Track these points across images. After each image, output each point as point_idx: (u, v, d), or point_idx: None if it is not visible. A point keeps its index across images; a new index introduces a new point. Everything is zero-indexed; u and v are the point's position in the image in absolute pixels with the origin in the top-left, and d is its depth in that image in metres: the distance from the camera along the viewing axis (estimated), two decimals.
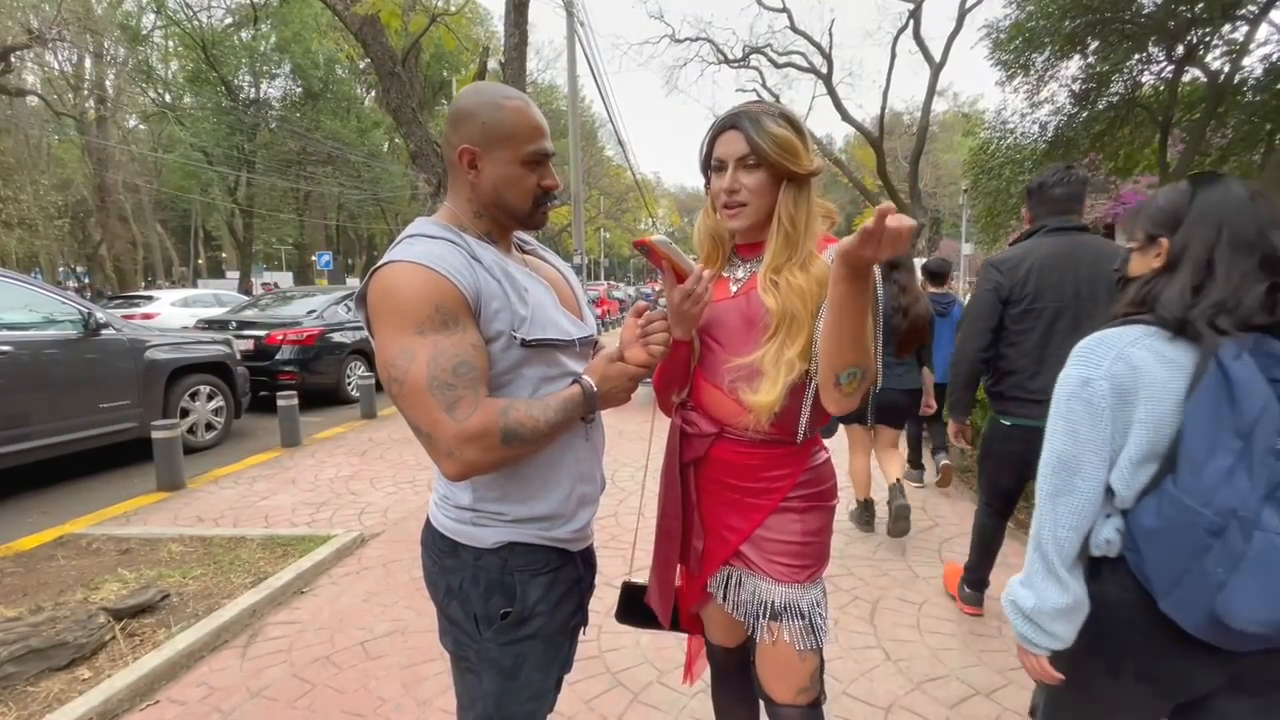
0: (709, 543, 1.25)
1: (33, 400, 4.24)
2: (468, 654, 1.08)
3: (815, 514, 1.22)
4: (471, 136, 1.01)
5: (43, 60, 19.58)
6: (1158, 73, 12.68)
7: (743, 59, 19.28)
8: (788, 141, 1.11)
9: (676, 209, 66.01)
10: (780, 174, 1.12)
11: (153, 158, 25.13)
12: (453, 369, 0.91)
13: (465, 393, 0.91)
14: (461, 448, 0.91)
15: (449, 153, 1.04)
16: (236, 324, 7.48)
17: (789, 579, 1.19)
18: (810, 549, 1.21)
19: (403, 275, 0.93)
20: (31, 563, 3.14)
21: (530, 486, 1.05)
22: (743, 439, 1.19)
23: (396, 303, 0.92)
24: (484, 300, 0.97)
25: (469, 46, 17.04)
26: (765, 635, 1.19)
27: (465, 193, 1.06)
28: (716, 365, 1.19)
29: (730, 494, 1.22)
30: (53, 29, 14.52)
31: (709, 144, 1.18)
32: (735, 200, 1.15)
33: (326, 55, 23.14)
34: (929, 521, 3.66)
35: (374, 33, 6.60)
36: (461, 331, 0.93)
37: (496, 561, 1.05)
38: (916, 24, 15.80)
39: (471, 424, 0.91)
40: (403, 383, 0.91)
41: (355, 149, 25.29)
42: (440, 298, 0.92)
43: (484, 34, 23.02)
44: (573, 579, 1.12)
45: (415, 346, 0.90)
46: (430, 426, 0.91)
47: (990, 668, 2.24)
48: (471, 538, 1.05)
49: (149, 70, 22.49)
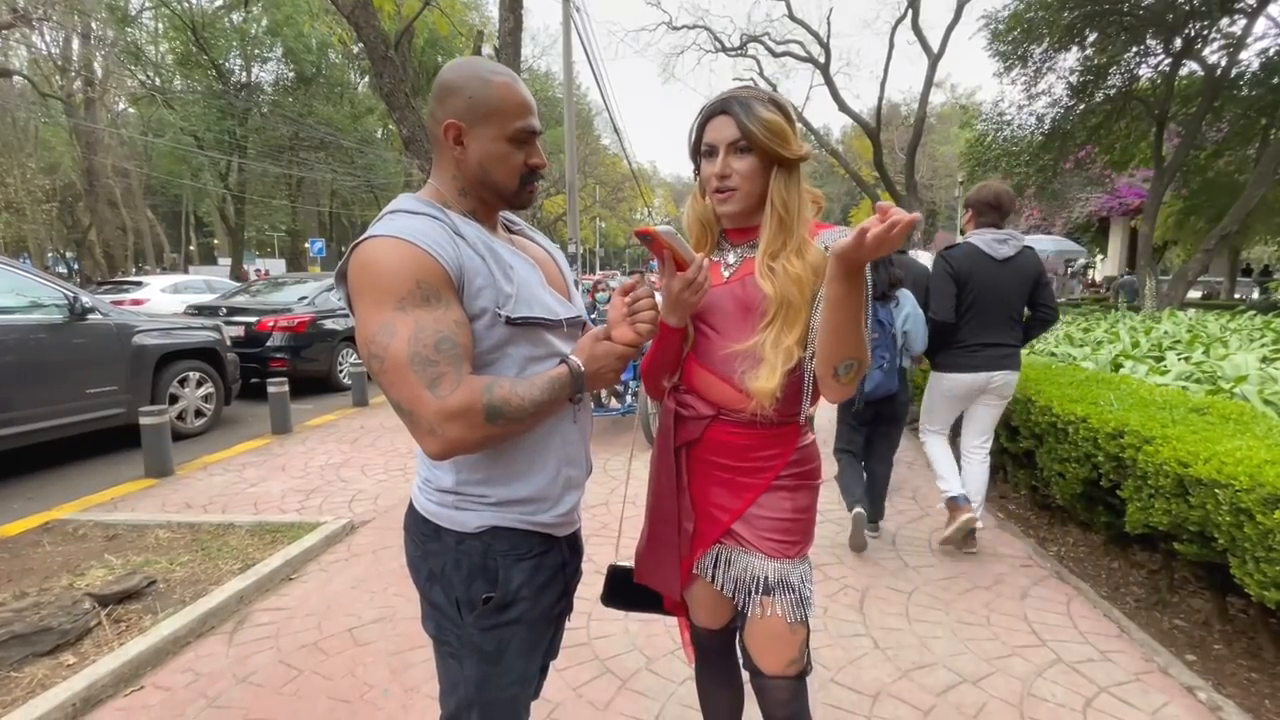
0: (700, 524, 1.26)
1: (17, 385, 4.19)
2: (449, 639, 1.07)
3: (804, 492, 1.26)
4: (457, 111, 0.99)
5: (29, 41, 19.24)
6: (1155, 66, 12.67)
7: (740, 47, 19.15)
8: (778, 126, 1.11)
9: (672, 198, 65.74)
10: (771, 159, 1.13)
11: (142, 142, 24.79)
12: (434, 344, 0.88)
13: (447, 369, 0.89)
14: (444, 425, 0.89)
15: (433, 128, 1.02)
16: (227, 310, 7.42)
17: (780, 554, 1.22)
18: (799, 525, 1.25)
19: (382, 250, 0.91)
20: (17, 548, 3.11)
21: (515, 468, 1.04)
22: (738, 421, 1.20)
23: (376, 277, 0.90)
24: (467, 276, 0.95)
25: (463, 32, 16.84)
26: (757, 610, 1.21)
27: (450, 169, 1.04)
28: (712, 351, 1.20)
29: (723, 473, 1.24)
30: (39, 9, 14.25)
31: (699, 129, 1.19)
32: (726, 185, 1.15)
33: (319, 39, 22.84)
34: (919, 512, 3.67)
35: (366, 16, 6.50)
36: (444, 307, 0.91)
37: (479, 546, 1.03)
38: (915, 14, 15.71)
39: (454, 401, 0.88)
40: (383, 359, 0.89)
41: (348, 135, 25.02)
42: (421, 272, 0.90)
43: (478, 19, 22.77)
44: (557, 564, 1.11)
45: (396, 322, 0.88)
46: (411, 404, 0.89)
47: (977, 655, 2.26)
48: (453, 521, 1.04)
49: (138, 52, 22.11)
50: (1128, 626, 2.42)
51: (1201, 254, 11.77)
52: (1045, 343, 6.06)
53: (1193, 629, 2.45)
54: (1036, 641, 2.35)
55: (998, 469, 4.10)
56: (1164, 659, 2.21)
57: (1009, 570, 2.92)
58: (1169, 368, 4.35)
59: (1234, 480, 1.92)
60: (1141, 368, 4.36)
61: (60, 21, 17.34)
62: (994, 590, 2.74)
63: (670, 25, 19.42)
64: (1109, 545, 3.04)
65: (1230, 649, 2.30)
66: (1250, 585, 1.93)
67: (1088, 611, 2.55)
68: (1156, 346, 5.39)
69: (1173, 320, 7.44)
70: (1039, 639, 2.36)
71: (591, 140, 36.55)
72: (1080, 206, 20.30)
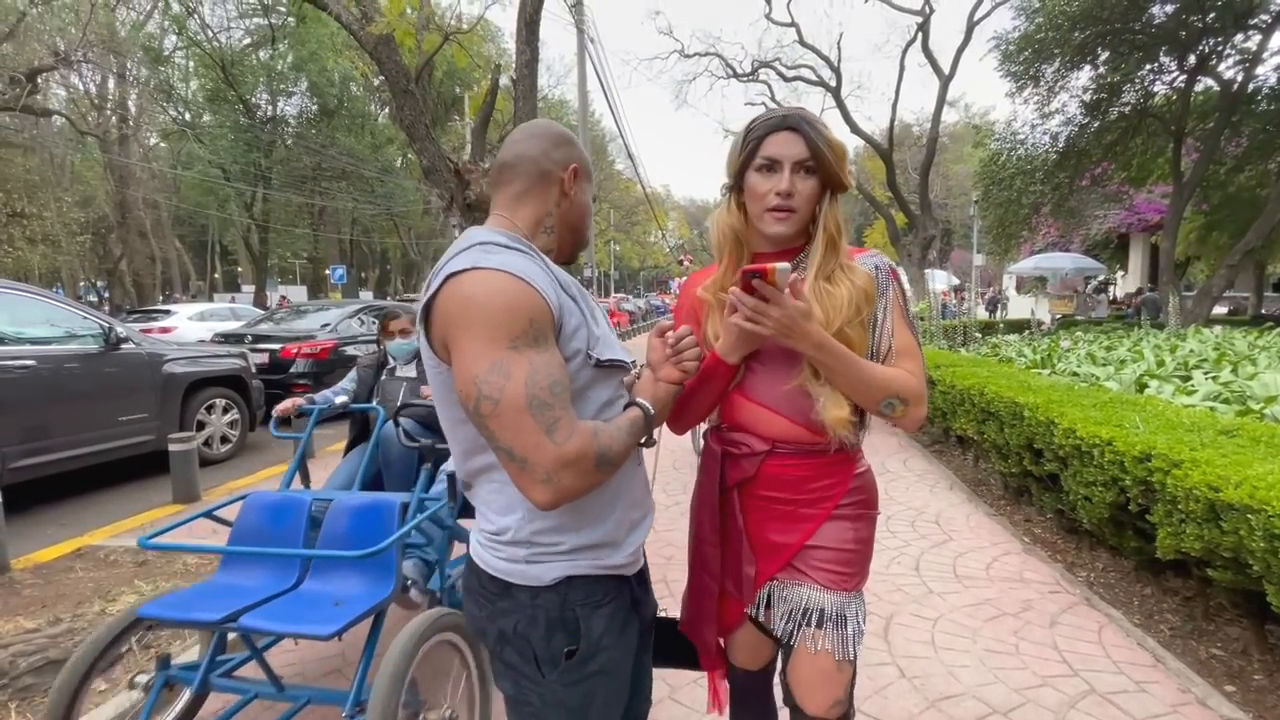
0: (759, 563, 1.22)
1: (55, 413, 4.32)
2: (530, 698, 1.00)
3: (865, 522, 1.22)
4: (578, 160, 1.05)
5: (67, 81, 20.09)
6: (1170, 82, 12.62)
7: (752, 73, 19.41)
8: (841, 150, 1.12)
9: (686, 221, 66.25)
10: (829, 183, 1.13)
11: (172, 174, 25.64)
12: (549, 388, 0.85)
13: (562, 414, 0.86)
14: (560, 473, 0.85)
15: (548, 166, 1.03)
16: (252, 338, 7.59)
17: (839, 586, 1.18)
18: (859, 556, 1.21)
19: (494, 284, 0.86)
20: (50, 574, 3.18)
21: (586, 513, 0.99)
22: (795, 453, 1.18)
23: (488, 313, 0.85)
24: (565, 318, 0.93)
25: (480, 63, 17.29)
26: (808, 644, 1.17)
27: (544, 208, 1.04)
28: (757, 384, 1.19)
29: (781, 507, 1.21)
30: (78, 51, 14.90)
31: (757, 141, 1.12)
32: (788, 205, 1.11)
33: (342, 73, 23.56)
34: (943, 536, 3.62)
35: (388, 51, 6.72)
36: (550, 349, 0.89)
37: (555, 598, 0.98)
38: (925, 36, 15.86)
39: (570, 447, 0.85)
40: (498, 401, 0.84)
41: (369, 164, 25.65)
42: (534, 311, 0.87)
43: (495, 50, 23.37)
44: (629, 604, 1.07)
45: (510, 362, 0.84)
46: (528, 450, 0.84)
47: (1008, 686, 2.21)
48: (526, 576, 0.98)
49: (170, 90, 23.01)
50: (1163, 656, 2.36)
51: (1225, 269, 11.58)
52: (1067, 362, 5.98)
53: (1231, 658, 2.38)
54: (1069, 671, 2.30)
55: (1022, 491, 4.04)
56: (1202, 690, 2.15)
57: (1037, 596, 2.86)
58: (1196, 387, 4.27)
59: (1267, 505, 1.89)
60: (1168, 388, 4.28)
61: (98, 62, 18.11)
62: (1022, 617, 2.68)
63: (682, 53, 19.77)
64: (1140, 570, 2.97)
65: (1271, 679, 2.23)
66: None
67: (1120, 640, 2.49)
68: (1183, 365, 5.29)
69: (1198, 338, 7.30)
70: (1071, 669, 2.31)
71: (606, 165, 37.10)
72: (1098, 223, 20.10)
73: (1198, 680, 2.20)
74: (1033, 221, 15.67)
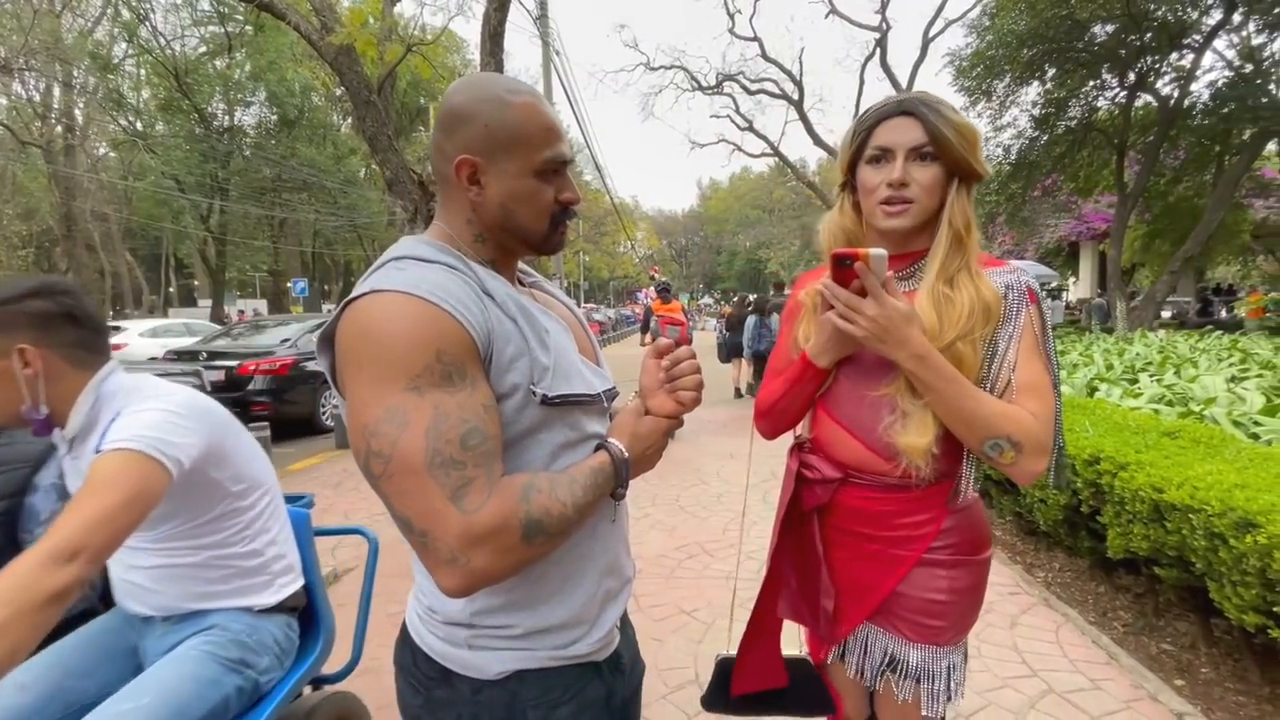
0: (842, 602, 1.10)
1: None
2: None
3: (965, 570, 1.07)
4: (470, 144, 0.78)
5: (9, 89, 19.29)
6: (1112, 98, 13.24)
7: (716, 86, 19.73)
8: (971, 133, 0.97)
9: (655, 232, 66.70)
10: (955, 170, 0.98)
11: (123, 186, 24.77)
12: (460, 439, 0.67)
13: (476, 473, 0.67)
14: (469, 551, 0.66)
15: (441, 165, 0.80)
16: (207, 354, 7.34)
17: (927, 640, 1.06)
18: (954, 608, 1.07)
19: (391, 309, 0.68)
20: None
21: (544, 588, 0.80)
22: (873, 484, 1.06)
23: (381, 347, 0.67)
24: (497, 345, 0.74)
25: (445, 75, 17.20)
26: (893, 690, 1.08)
27: (464, 213, 0.82)
28: (841, 398, 1.06)
29: (868, 544, 1.08)
30: (19, 58, 14.34)
31: (867, 132, 1.01)
32: (902, 196, 0.98)
33: (302, 83, 23.18)
34: None
35: (349, 62, 6.63)
36: (469, 388, 0.69)
37: (502, 695, 0.79)
38: (883, 52, 16.36)
39: (483, 517, 0.67)
40: (388, 459, 0.66)
41: (331, 176, 25.21)
42: (443, 341, 0.68)
43: (459, 61, 23.28)
44: (601, 697, 0.85)
45: (407, 407, 0.66)
46: (427, 521, 0.66)
47: (969, 688, 2.24)
48: (467, 665, 0.79)
49: (119, 98, 22.28)
50: (1116, 653, 2.43)
51: (1168, 275, 12.16)
52: None
53: (1180, 653, 2.47)
54: (1028, 672, 2.35)
55: (982, 495, 4.14)
56: (1153, 685, 2.22)
57: (998, 598, 2.93)
58: (1142, 390, 4.46)
59: (1206, 505, 1.97)
60: (1116, 390, 4.46)
61: (42, 70, 17.44)
62: (984, 619, 2.74)
63: (648, 66, 20.01)
64: (1094, 570, 3.07)
65: (1217, 672, 2.32)
66: (1229, 609, 1.96)
67: (1077, 639, 2.56)
68: (1130, 369, 5.52)
69: (1144, 342, 7.63)
70: (1030, 669, 2.37)
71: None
72: (1050, 232, 20.92)
73: (1150, 676, 2.28)
74: (989, 231, 16.22)
